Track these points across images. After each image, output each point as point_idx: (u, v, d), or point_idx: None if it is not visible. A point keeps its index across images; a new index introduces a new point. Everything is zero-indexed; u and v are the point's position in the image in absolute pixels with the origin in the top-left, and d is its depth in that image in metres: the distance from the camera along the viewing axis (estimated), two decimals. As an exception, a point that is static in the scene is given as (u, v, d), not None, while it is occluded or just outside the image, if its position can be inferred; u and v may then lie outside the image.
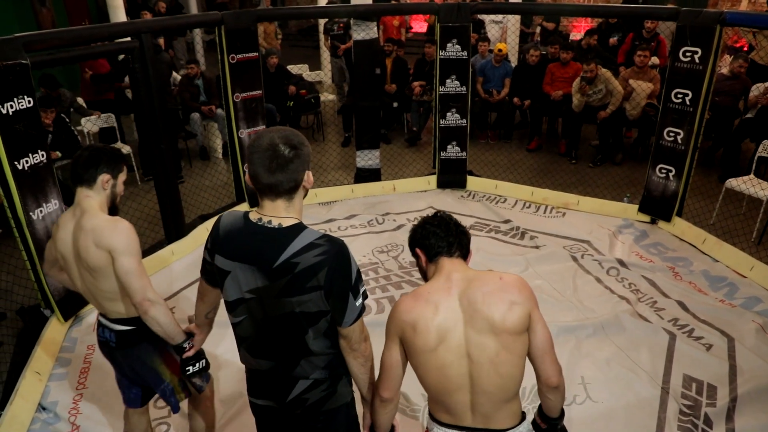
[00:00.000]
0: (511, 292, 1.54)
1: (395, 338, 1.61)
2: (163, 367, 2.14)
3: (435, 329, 1.53)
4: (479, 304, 1.52)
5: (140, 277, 1.92)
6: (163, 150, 4.12)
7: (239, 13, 4.54)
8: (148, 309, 1.91)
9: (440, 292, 1.57)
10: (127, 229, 1.95)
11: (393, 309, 1.61)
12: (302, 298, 1.50)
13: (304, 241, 1.48)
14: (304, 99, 6.78)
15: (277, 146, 1.45)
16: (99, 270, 1.95)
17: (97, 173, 1.99)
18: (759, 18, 4.39)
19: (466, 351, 1.54)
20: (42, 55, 3.43)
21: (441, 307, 1.54)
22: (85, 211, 1.97)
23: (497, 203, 5.22)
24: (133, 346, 2.11)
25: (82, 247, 1.94)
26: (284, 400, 1.66)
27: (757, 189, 4.47)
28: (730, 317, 3.51)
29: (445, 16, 4.95)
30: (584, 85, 5.79)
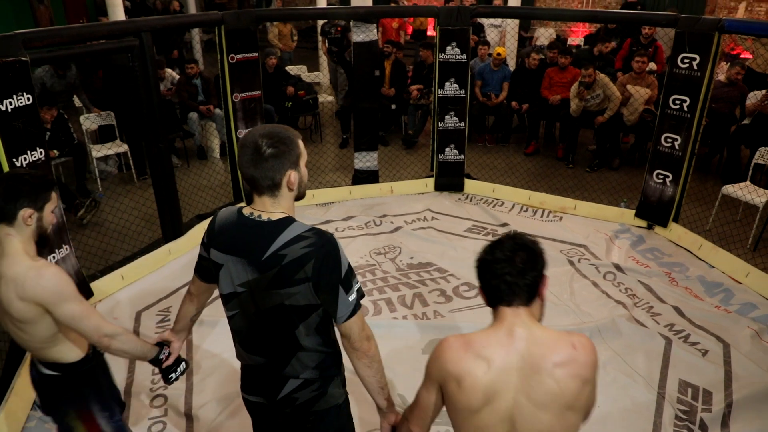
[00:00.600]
0: (586, 370, 1.34)
1: (435, 383, 1.44)
2: (77, 422, 1.96)
3: (483, 389, 1.34)
4: (545, 378, 1.31)
5: (88, 318, 1.74)
6: (161, 149, 4.12)
7: (239, 13, 4.53)
8: (109, 344, 1.78)
9: (497, 347, 1.35)
10: (54, 275, 1.72)
11: (438, 352, 1.42)
12: (290, 291, 1.50)
13: (292, 234, 1.50)
14: (302, 100, 6.78)
15: (257, 143, 1.48)
16: (25, 322, 1.74)
17: (16, 209, 1.72)
18: (757, 26, 4.42)
19: (511, 416, 1.35)
20: (41, 52, 3.42)
21: (494, 365, 1.33)
22: (5, 254, 1.72)
23: (494, 207, 5.23)
24: (54, 393, 1.93)
25: (4, 297, 1.71)
26: (274, 398, 1.66)
27: (753, 196, 4.50)
28: (725, 323, 3.53)
29: (444, 19, 4.96)
30: (582, 90, 5.81)
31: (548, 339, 1.35)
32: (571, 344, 1.35)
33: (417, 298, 3.81)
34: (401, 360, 3.16)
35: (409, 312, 3.66)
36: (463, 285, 3.95)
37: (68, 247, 3.46)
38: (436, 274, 4.08)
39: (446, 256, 4.31)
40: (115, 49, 3.92)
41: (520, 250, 1.37)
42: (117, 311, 3.68)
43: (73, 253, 3.52)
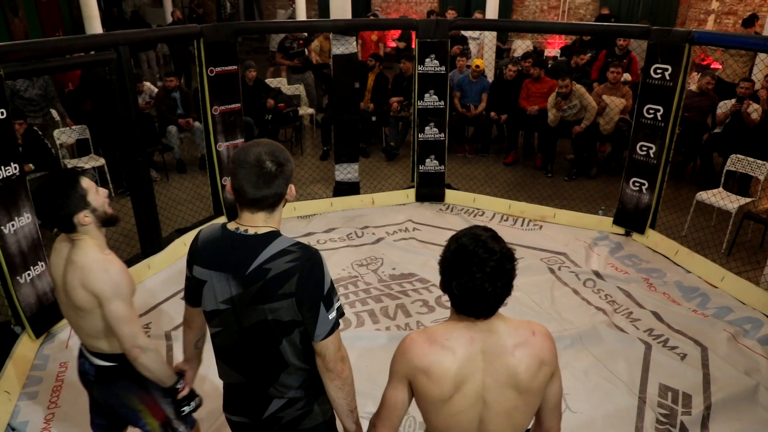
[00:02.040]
0: (543, 352, 1.43)
1: (403, 380, 1.47)
2: (142, 407, 2.03)
3: (452, 378, 1.40)
4: (507, 358, 1.40)
5: (130, 324, 1.81)
6: (140, 163, 4.07)
7: (219, 26, 4.53)
8: (138, 356, 1.82)
9: (459, 338, 1.42)
10: (118, 273, 1.82)
11: (402, 349, 1.47)
12: (273, 306, 1.48)
13: (277, 248, 1.49)
14: (282, 112, 6.78)
15: (263, 162, 1.46)
16: (84, 310, 1.84)
17: (71, 219, 1.80)
18: (725, 37, 4.56)
19: (481, 396, 1.43)
20: (15, 65, 3.37)
21: (459, 353, 1.40)
22: (79, 246, 1.84)
23: (475, 216, 5.27)
24: (112, 383, 2.00)
25: (69, 283, 1.82)
26: (259, 418, 1.63)
27: (726, 202, 4.61)
28: (702, 327, 3.59)
29: (423, 31, 5.02)
30: (559, 100, 5.91)
31: (507, 326, 1.44)
32: (530, 330, 1.45)
33: (400, 309, 3.81)
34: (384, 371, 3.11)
35: (392, 323, 3.66)
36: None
37: (44, 264, 3.39)
38: (419, 285, 4.09)
39: (428, 267, 4.32)
40: (93, 63, 3.89)
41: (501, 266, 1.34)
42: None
43: (48, 270, 3.45)
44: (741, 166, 4.83)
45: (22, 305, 3.25)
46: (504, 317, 1.46)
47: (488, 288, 1.33)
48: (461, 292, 1.36)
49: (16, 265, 3.20)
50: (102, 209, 1.88)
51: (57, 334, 3.52)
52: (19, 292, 3.23)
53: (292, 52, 7.74)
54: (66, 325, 3.60)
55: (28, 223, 3.25)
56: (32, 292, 3.31)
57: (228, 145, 4.73)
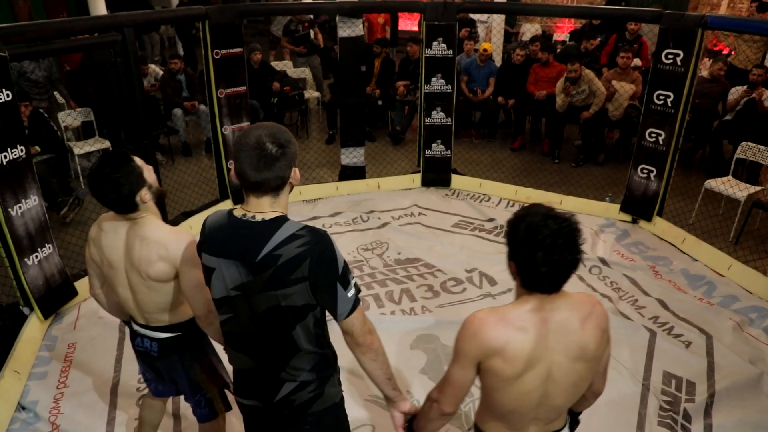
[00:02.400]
0: (604, 321, 1.49)
1: (473, 360, 1.47)
2: (203, 377, 2.09)
3: (526, 358, 1.42)
4: (578, 334, 1.45)
5: (205, 290, 1.83)
6: (145, 146, 4.07)
7: (223, 8, 4.49)
8: (213, 322, 1.85)
9: (533, 320, 1.44)
10: (193, 242, 1.84)
11: (473, 330, 1.45)
12: (286, 291, 1.48)
13: (286, 233, 1.47)
14: (288, 96, 6.74)
15: (264, 144, 1.44)
16: (160, 282, 1.88)
17: (135, 199, 1.82)
18: (739, 22, 4.48)
19: (551, 374, 1.47)
20: (20, 47, 3.36)
21: (533, 334, 1.43)
22: (144, 223, 1.87)
23: (481, 202, 5.25)
24: (176, 354, 2.04)
25: (143, 258, 1.84)
26: (271, 401, 1.64)
27: (735, 190, 4.57)
28: (708, 315, 3.58)
29: (431, 14, 4.95)
30: (568, 85, 5.84)
31: (571, 302, 1.47)
32: (590, 302, 1.50)
33: (405, 293, 3.82)
34: (389, 355, 3.14)
35: (396, 307, 3.67)
36: (451, 280, 3.96)
37: (51, 246, 3.41)
38: (424, 270, 4.09)
39: (433, 252, 4.32)
40: (97, 45, 3.86)
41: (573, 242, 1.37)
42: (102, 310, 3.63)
43: (56, 252, 3.47)
44: (751, 154, 4.78)
45: (30, 287, 3.28)
46: (564, 293, 1.47)
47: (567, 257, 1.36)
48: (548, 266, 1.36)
49: (23, 247, 3.22)
50: (155, 185, 1.91)
51: (65, 315, 3.56)
52: (27, 274, 3.25)
53: (298, 35, 7.67)
54: (74, 306, 3.63)
55: (35, 205, 3.26)
56: (40, 274, 3.34)
57: (233, 129, 4.71)
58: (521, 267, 1.41)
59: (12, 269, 3.23)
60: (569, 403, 1.57)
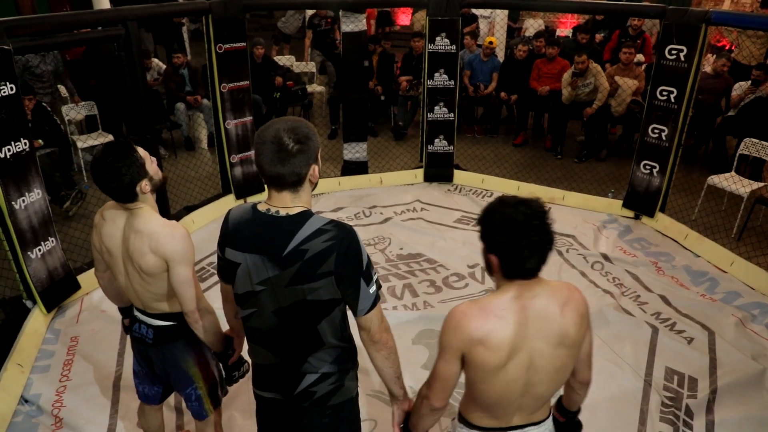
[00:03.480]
0: (582, 306, 1.51)
1: (457, 353, 1.49)
2: (195, 370, 2.09)
3: (508, 346, 1.44)
4: (558, 320, 1.46)
5: (193, 287, 1.87)
6: (148, 140, 4.07)
7: (227, 2, 4.47)
8: (199, 318, 1.88)
9: (512, 307, 1.46)
10: (185, 237, 1.87)
11: (454, 323, 1.47)
12: (313, 285, 1.49)
13: (312, 228, 1.48)
14: (290, 90, 6.73)
15: (281, 139, 1.43)
16: (152, 275, 1.89)
17: (134, 188, 1.83)
18: (743, 18, 4.46)
19: (533, 362, 1.48)
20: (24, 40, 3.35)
21: (513, 322, 1.44)
22: (139, 215, 1.87)
23: (484, 197, 5.25)
24: (170, 343, 2.05)
25: (136, 249, 1.86)
26: (291, 393, 1.64)
27: (737, 186, 4.56)
28: (710, 311, 3.58)
29: (434, 9, 4.94)
30: (575, 79, 5.84)
31: (549, 288, 1.49)
32: (567, 288, 1.52)
33: (407, 288, 3.82)
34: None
35: (399, 303, 3.67)
36: (453, 275, 3.96)
37: (54, 240, 3.42)
38: (426, 265, 4.10)
39: (436, 247, 4.32)
40: (101, 38, 3.86)
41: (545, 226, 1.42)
42: (105, 304, 3.65)
43: (59, 245, 3.48)
44: (754, 150, 4.77)
45: (33, 280, 3.29)
46: (542, 280, 1.49)
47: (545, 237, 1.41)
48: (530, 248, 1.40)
49: (27, 241, 3.22)
50: (156, 176, 1.93)
51: (67, 309, 3.57)
52: (31, 267, 3.26)
53: (320, 29, 7.66)
54: (76, 300, 3.64)
55: (38, 198, 3.27)
56: (43, 267, 3.35)
57: (236, 123, 4.71)
58: (503, 256, 1.43)
59: (15, 262, 3.24)
60: (552, 391, 1.57)
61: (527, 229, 1.39)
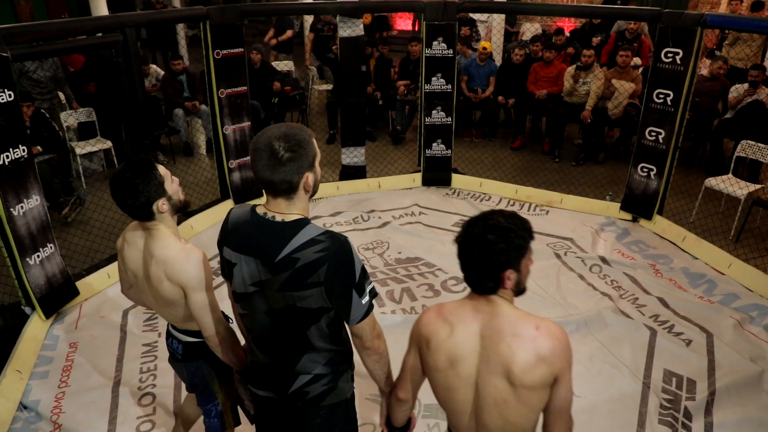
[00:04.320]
0: (543, 349, 1.35)
1: (414, 345, 1.57)
2: (218, 387, 2.10)
3: (446, 352, 1.45)
4: (502, 347, 1.37)
5: (213, 312, 1.86)
6: (147, 146, 4.08)
7: (224, 8, 4.50)
8: (219, 342, 1.88)
9: (461, 316, 1.45)
10: (199, 262, 1.83)
11: (420, 316, 1.56)
12: (303, 294, 1.49)
13: (306, 237, 1.48)
14: (288, 96, 6.75)
15: (273, 146, 1.43)
16: (170, 300, 1.89)
17: (150, 206, 1.80)
18: (738, 21, 4.48)
19: (475, 381, 1.44)
20: (22, 47, 3.37)
21: (456, 331, 1.44)
22: (156, 237, 1.85)
23: (482, 201, 5.26)
24: (197, 360, 2.06)
25: (154, 276, 1.85)
26: (285, 392, 1.66)
27: (735, 188, 4.57)
28: (708, 313, 3.59)
29: (431, 14, 4.96)
30: (578, 72, 5.87)
31: (513, 315, 1.42)
32: (535, 325, 1.39)
33: (405, 292, 3.83)
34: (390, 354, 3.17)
35: (397, 306, 3.67)
36: (451, 279, 3.97)
37: (53, 246, 3.42)
38: (424, 269, 4.10)
39: (434, 251, 4.33)
40: (100, 45, 3.88)
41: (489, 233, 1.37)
42: (104, 309, 3.65)
43: (58, 251, 3.48)
44: (751, 152, 4.78)
45: (32, 286, 3.29)
46: (514, 307, 1.44)
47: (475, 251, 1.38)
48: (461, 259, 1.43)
49: (25, 247, 3.23)
50: (177, 197, 1.90)
51: (66, 315, 3.57)
52: (29, 274, 3.27)
53: (323, 34, 7.68)
54: (75, 306, 3.64)
55: (36, 205, 3.27)
56: (42, 274, 3.35)
57: (235, 128, 4.73)
58: None
59: (14, 269, 3.25)
60: (498, 427, 1.45)
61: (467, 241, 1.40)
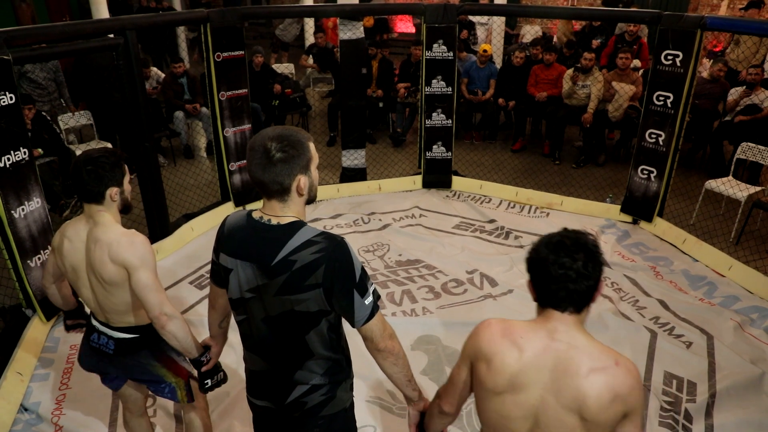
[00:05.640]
0: (621, 387, 1.29)
1: (466, 360, 1.47)
2: (164, 370, 2.10)
3: (509, 376, 1.34)
4: (579, 380, 1.29)
5: (157, 292, 1.88)
6: (147, 148, 4.09)
7: (225, 11, 4.51)
8: (165, 324, 1.88)
9: (535, 342, 1.34)
10: (143, 243, 1.90)
11: (476, 331, 1.45)
12: (300, 297, 1.48)
13: (302, 239, 1.47)
14: (289, 98, 6.76)
15: (266, 146, 1.44)
16: (113, 284, 1.91)
17: (104, 190, 1.89)
18: (738, 23, 4.49)
19: (535, 414, 1.34)
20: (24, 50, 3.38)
21: (526, 356, 1.34)
22: (98, 223, 1.92)
23: (482, 203, 5.26)
24: (132, 354, 2.06)
25: (97, 260, 1.89)
26: (283, 402, 1.64)
27: (735, 190, 4.57)
28: (709, 315, 3.59)
29: (431, 16, 4.97)
30: (577, 74, 5.88)
31: (590, 347, 1.33)
32: (614, 359, 1.31)
33: (406, 294, 3.83)
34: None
35: (398, 309, 3.68)
36: (452, 281, 3.97)
37: (54, 248, 3.42)
38: (425, 271, 4.10)
39: (434, 253, 4.33)
40: (101, 48, 3.89)
41: (584, 255, 1.32)
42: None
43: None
44: (752, 155, 4.79)
45: (32, 289, 3.29)
46: (590, 336, 1.36)
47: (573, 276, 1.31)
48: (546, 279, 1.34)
49: (26, 249, 3.23)
50: (128, 194, 2.01)
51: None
52: (30, 276, 3.27)
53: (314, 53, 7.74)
54: (76, 308, 3.64)
55: (37, 207, 3.28)
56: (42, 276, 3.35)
57: (235, 131, 4.73)
58: (532, 276, 1.38)
59: (15, 271, 3.25)
60: None
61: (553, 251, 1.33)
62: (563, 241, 1.34)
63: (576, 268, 1.30)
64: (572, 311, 1.34)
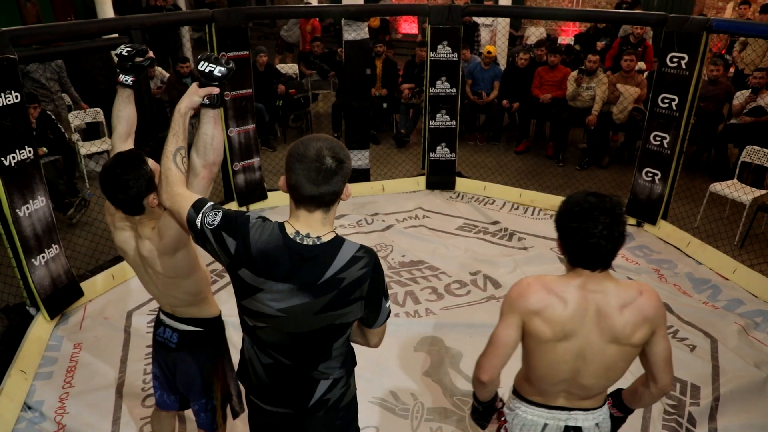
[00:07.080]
0: (648, 309, 1.53)
1: (517, 319, 1.57)
2: (214, 378, 2.09)
3: (563, 324, 1.53)
4: (615, 318, 1.52)
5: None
6: (152, 148, 4.10)
7: (230, 11, 4.52)
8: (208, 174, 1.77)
9: (574, 294, 1.54)
10: None
11: (518, 292, 1.57)
12: (344, 311, 1.51)
13: (347, 256, 1.47)
14: (293, 98, 6.77)
15: (324, 158, 1.41)
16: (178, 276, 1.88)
17: (141, 201, 1.82)
18: (744, 26, 4.48)
19: (582, 352, 1.55)
20: (29, 50, 3.39)
21: (571, 306, 1.53)
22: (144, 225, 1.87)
23: (486, 204, 5.26)
24: (194, 350, 2.04)
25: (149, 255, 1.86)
26: (306, 405, 1.62)
27: (740, 193, 4.56)
28: (713, 319, 3.57)
29: (435, 17, 4.97)
30: (581, 76, 5.87)
31: (618, 289, 1.55)
32: (638, 290, 1.55)
33: (409, 296, 3.83)
34: (393, 357, 3.17)
35: (401, 310, 3.67)
36: (455, 282, 3.96)
37: (58, 247, 3.44)
38: (428, 272, 4.10)
39: (438, 254, 4.33)
40: (106, 47, 3.90)
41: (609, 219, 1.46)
42: (108, 311, 3.66)
43: (62, 252, 3.50)
44: (757, 158, 4.77)
45: (36, 287, 3.30)
46: (614, 278, 1.57)
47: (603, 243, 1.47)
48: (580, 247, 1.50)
49: (30, 248, 3.24)
50: None
51: (71, 316, 3.58)
52: (34, 274, 3.28)
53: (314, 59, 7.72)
54: (79, 307, 3.66)
55: (42, 206, 3.29)
56: (46, 274, 3.36)
57: (239, 131, 4.74)
58: (564, 242, 1.54)
59: (19, 269, 3.26)
60: (601, 386, 1.63)
61: (585, 221, 1.47)
62: (591, 210, 1.47)
63: (605, 235, 1.46)
64: (601, 270, 1.54)
